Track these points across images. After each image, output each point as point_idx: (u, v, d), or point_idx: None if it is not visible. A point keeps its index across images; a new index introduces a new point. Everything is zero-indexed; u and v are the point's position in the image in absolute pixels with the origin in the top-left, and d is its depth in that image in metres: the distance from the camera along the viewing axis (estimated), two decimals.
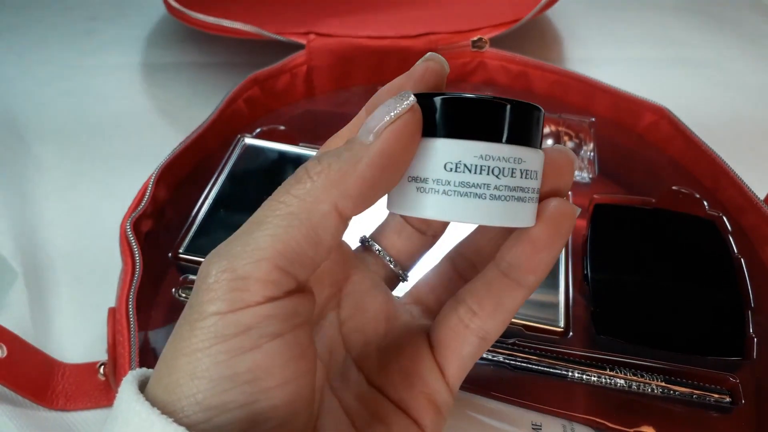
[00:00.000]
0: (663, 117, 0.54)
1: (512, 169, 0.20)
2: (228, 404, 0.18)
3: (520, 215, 0.20)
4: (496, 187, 0.20)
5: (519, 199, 0.20)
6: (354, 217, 0.27)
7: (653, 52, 0.75)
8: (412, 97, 0.19)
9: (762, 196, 0.46)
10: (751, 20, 0.81)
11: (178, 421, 0.18)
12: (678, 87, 0.69)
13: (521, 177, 0.20)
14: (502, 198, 0.20)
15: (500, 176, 0.20)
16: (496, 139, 0.20)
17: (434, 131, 0.20)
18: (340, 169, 0.19)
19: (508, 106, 0.20)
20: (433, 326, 0.25)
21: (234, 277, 0.18)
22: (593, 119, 0.56)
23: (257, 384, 0.19)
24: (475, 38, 0.61)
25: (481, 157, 0.19)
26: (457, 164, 0.19)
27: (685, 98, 0.64)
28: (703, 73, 0.71)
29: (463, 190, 0.20)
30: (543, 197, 0.21)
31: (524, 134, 0.20)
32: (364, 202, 0.19)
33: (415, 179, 0.20)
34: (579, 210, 0.21)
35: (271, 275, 0.19)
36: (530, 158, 0.20)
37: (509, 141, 0.20)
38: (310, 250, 0.19)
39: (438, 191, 0.20)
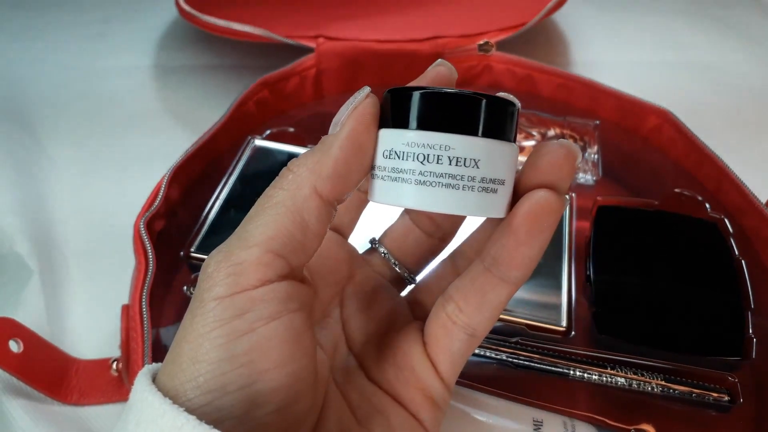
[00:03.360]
0: (666, 120, 0.55)
1: (438, 155, 0.20)
2: (227, 386, 0.19)
3: (452, 202, 0.20)
4: (421, 173, 0.20)
5: (449, 185, 0.20)
6: (360, 221, 0.29)
7: (658, 55, 0.75)
8: (368, 89, 0.21)
9: (763, 199, 0.46)
10: (756, 23, 0.82)
11: (182, 405, 0.19)
12: (683, 89, 0.69)
13: (450, 164, 0.20)
14: (427, 183, 0.20)
15: (425, 162, 0.20)
16: (418, 126, 0.20)
17: (382, 122, 0.21)
18: (315, 158, 0.21)
19: (430, 95, 0.21)
20: (425, 323, 0.26)
21: (230, 264, 0.20)
22: (597, 122, 0.57)
23: (254, 366, 0.20)
24: (481, 42, 0.62)
25: (407, 144, 0.20)
26: (390, 151, 0.21)
27: (689, 101, 0.64)
28: (707, 75, 0.71)
29: (393, 176, 0.21)
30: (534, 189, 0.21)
31: (452, 122, 0.20)
32: (340, 182, 0.21)
33: (372, 167, 0.22)
34: (567, 203, 0.22)
35: (264, 258, 0.20)
36: (462, 146, 0.20)
37: (432, 128, 0.20)
38: (298, 234, 0.21)
39: (378, 177, 0.21)
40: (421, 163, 0.20)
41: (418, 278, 0.29)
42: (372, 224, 0.30)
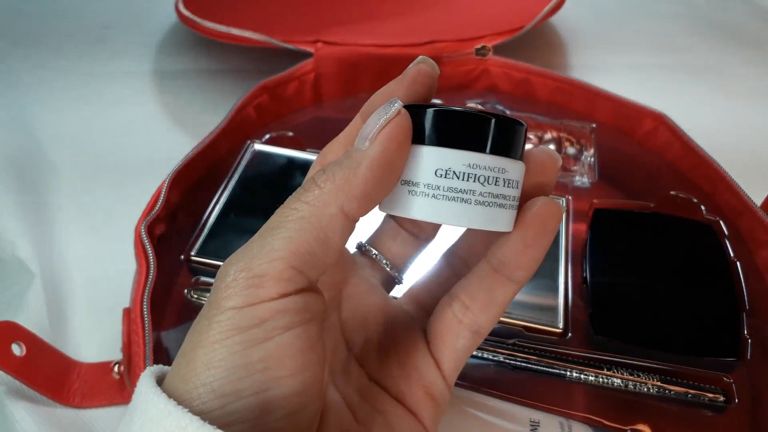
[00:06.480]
0: (662, 123, 0.55)
1: (496, 178, 0.21)
2: (242, 392, 0.20)
3: (500, 220, 0.22)
4: (480, 194, 0.21)
5: (500, 205, 0.22)
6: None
7: (655, 59, 0.75)
8: (399, 102, 0.21)
9: (758, 201, 0.47)
10: (751, 26, 0.82)
11: (194, 409, 0.19)
12: (679, 93, 0.69)
13: (503, 186, 0.22)
14: (486, 204, 0.21)
15: (485, 184, 0.21)
16: (483, 149, 0.21)
17: (427, 140, 0.21)
18: (343, 176, 0.20)
19: (495, 120, 0.21)
20: (429, 322, 0.26)
21: (250, 276, 0.20)
22: (594, 125, 0.57)
23: (269, 373, 0.20)
24: (478, 46, 0.62)
25: (469, 165, 0.21)
26: (447, 171, 0.21)
27: (686, 104, 0.65)
28: (704, 78, 0.72)
29: (450, 195, 0.21)
30: (529, 194, 0.23)
31: (508, 147, 0.22)
32: (368, 202, 0.21)
33: (407, 183, 0.22)
34: (564, 208, 0.23)
35: (285, 273, 0.20)
36: (512, 169, 0.22)
37: (494, 152, 0.21)
38: (320, 251, 0.21)
39: (428, 195, 0.21)
40: (482, 184, 0.21)
41: (405, 278, 0.30)
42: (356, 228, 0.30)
